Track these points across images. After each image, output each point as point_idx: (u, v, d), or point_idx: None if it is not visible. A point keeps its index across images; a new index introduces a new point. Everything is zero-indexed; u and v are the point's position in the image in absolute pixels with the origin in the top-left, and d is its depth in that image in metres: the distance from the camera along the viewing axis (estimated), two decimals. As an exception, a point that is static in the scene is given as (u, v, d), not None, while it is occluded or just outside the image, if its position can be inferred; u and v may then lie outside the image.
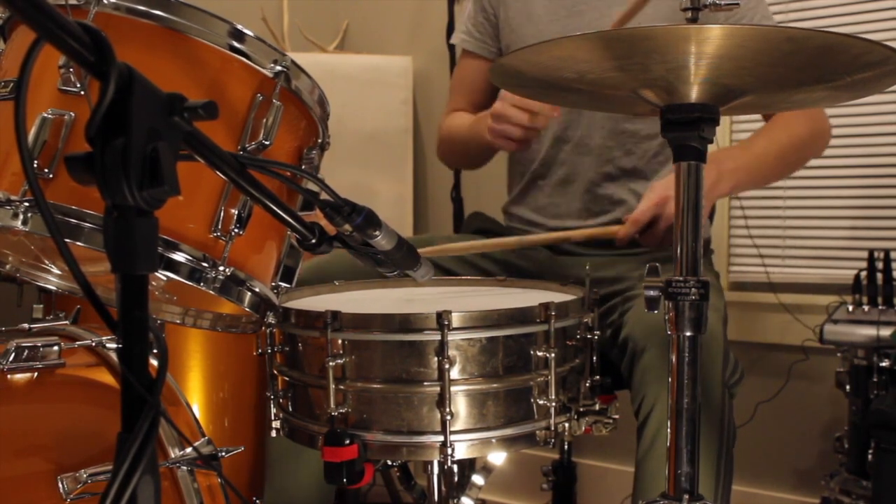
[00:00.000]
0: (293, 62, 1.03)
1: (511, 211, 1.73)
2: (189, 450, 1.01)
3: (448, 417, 1.00)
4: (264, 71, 1.01)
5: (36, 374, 1.05)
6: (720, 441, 1.24)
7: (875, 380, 1.65)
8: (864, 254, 1.76)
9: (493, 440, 1.04)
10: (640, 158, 1.60)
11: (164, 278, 0.97)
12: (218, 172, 0.74)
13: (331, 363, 1.02)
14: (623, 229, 1.39)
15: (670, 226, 1.35)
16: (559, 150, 1.63)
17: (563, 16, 1.62)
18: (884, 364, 1.63)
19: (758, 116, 1.89)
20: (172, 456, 1.00)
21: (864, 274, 1.76)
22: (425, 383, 1.01)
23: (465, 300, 1.29)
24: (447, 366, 1.00)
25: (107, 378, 1.07)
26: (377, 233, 0.91)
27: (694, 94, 0.92)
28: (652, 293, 0.97)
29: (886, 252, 1.73)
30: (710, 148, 0.98)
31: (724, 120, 1.48)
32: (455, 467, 1.23)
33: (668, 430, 0.99)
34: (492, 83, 1.75)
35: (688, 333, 0.96)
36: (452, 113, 1.79)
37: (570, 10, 1.62)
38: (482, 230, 1.71)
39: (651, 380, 1.26)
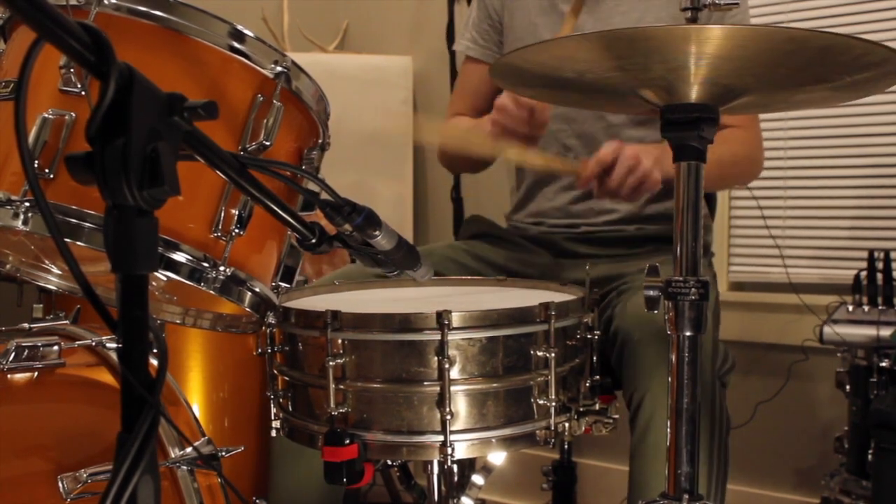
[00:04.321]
0: (293, 63, 1.03)
1: (514, 216, 1.74)
2: (189, 450, 1.01)
3: (448, 417, 1.00)
4: (264, 71, 1.01)
5: (36, 373, 1.05)
6: (712, 431, 1.25)
7: (875, 380, 1.65)
8: (864, 254, 1.76)
9: (493, 440, 1.04)
10: None
11: (165, 278, 0.97)
12: (218, 172, 0.74)
13: (331, 363, 1.02)
14: (587, 168, 1.37)
15: (631, 174, 1.34)
16: (565, 155, 1.63)
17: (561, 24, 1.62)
18: (884, 364, 1.63)
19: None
20: (172, 456, 1.00)
21: (864, 274, 1.76)
22: (425, 383, 1.01)
23: (465, 300, 1.29)
24: (447, 365, 0.99)
25: (107, 378, 1.07)
26: (377, 233, 0.91)
27: (694, 94, 0.93)
28: (652, 293, 0.97)
29: (886, 252, 1.74)
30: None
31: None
32: (455, 467, 1.23)
33: (669, 429, 0.99)
34: (495, 90, 1.76)
35: (687, 333, 0.96)
36: (454, 117, 1.79)
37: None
38: (480, 234, 1.71)
39: (640, 371, 1.27)
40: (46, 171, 0.92)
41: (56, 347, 1.05)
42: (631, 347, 1.30)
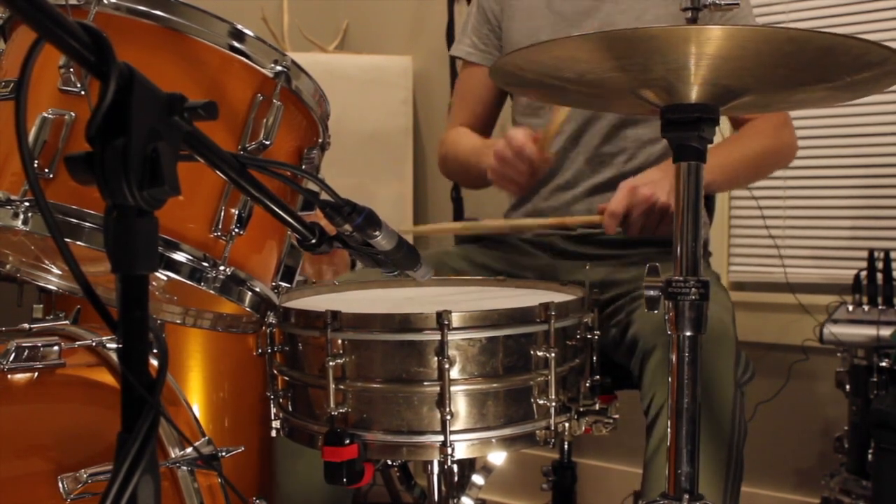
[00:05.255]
0: (293, 62, 1.03)
1: (510, 215, 1.74)
2: (189, 450, 1.01)
3: (448, 417, 1.00)
4: (264, 71, 1.01)
5: (36, 374, 1.05)
6: (731, 440, 1.25)
7: (875, 380, 1.65)
8: (864, 254, 1.76)
9: (493, 440, 1.04)
10: (642, 163, 1.60)
11: (165, 278, 0.97)
12: (218, 172, 0.74)
13: (331, 363, 1.02)
14: (605, 222, 1.39)
15: (651, 213, 1.35)
16: (564, 156, 1.63)
17: (567, 27, 1.62)
18: (884, 364, 1.63)
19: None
20: (172, 456, 1.00)
21: (864, 274, 1.76)
22: (425, 383, 1.01)
23: (465, 300, 1.29)
24: (447, 366, 0.99)
25: (107, 378, 1.07)
26: (377, 233, 0.91)
27: (694, 94, 0.92)
28: (652, 293, 0.97)
29: (886, 252, 1.74)
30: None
31: (724, 120, 1.49)
32: (455, 467, 1.23)
33: (669, 429, 0.99)
34: (497, 95, 1.76)
35: (688, 333, 0.96)
36: (456, 129, 1.77)
37: (572, 23, 1.62)
38: (475, 237, 1.71)
39: (660, 379, 1.26)
40: (46, 170, 0.92)
41: (56, 348, 1.05)
42: (652, 355, 1.29)
